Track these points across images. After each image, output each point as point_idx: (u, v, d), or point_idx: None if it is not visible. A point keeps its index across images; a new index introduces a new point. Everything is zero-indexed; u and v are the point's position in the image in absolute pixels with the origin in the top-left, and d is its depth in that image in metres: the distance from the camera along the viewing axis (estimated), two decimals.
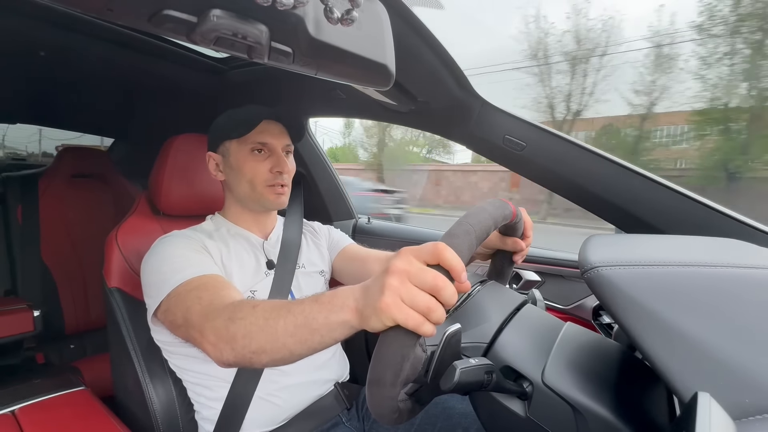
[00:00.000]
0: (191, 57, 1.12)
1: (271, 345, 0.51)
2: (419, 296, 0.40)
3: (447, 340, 0.46)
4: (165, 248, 0.74)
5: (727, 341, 0.38)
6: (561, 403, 0.48)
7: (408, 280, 0.41)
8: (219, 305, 0.59)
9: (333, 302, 0.47)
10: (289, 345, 0.50)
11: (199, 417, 0.82)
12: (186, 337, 0.65)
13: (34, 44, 0.95)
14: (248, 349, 0.53)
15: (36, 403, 0.82)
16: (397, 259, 0.43)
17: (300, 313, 0.49)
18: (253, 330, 0.52)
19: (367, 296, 0.44)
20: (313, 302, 0.49)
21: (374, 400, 0.42)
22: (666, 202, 0.76)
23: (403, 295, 0.40)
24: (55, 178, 1.57)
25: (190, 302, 0.63)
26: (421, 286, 0.41)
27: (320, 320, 0.47)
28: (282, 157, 0.84)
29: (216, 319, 0.57)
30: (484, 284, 0.67)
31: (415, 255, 0.43)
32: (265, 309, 0.53)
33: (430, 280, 0.41)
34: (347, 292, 0.47)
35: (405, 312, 0.40)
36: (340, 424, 0.86)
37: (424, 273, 0.41)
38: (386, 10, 0.48)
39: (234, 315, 0.56)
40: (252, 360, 0.54)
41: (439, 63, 0.77)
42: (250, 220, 0.89)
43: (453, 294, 0.41)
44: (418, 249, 0.43)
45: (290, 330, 0.50)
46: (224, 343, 0.55)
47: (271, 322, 0.51)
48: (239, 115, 0.84)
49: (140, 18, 0.34)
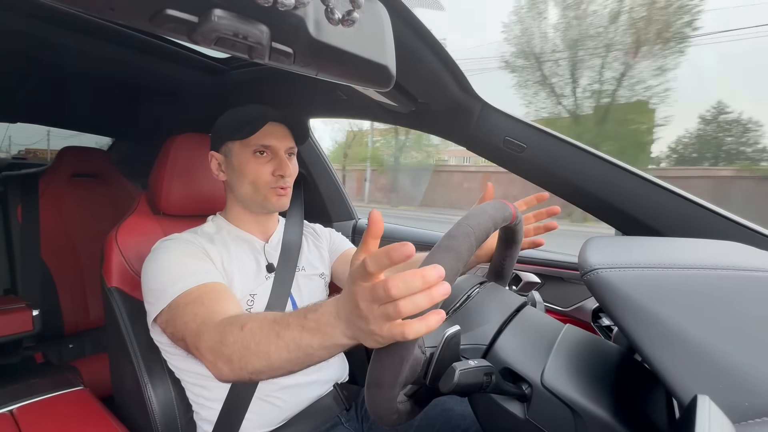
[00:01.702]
0: (192, 57, 1.12)
1: (267, 368, 0.52)
2: (402, 305, 0.37)
3: (446, 342, 0.46)
4: (165, 254, 0.74)
5: (726, 344, 0.38)
6: (560, 405, 0.48)
7: (381, 300, 0.38)
8: (211, 324, 0.60)
9: (322, 329, 0.46)
10: (286, 366, 0.51)
11: (198, 417, 0.81)
12: (187, 351, 0.66)
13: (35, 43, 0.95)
14: (245, 370, 0.53)
15: (34, 403, 0.82)
16: (357, 292, 0.40)
17: (291, 341, 0.49)
18: (247, 354, 0.53)
19: (359, 330, 0.42)
20: (300, 329, 0.48)
21: (373, 401, 0.42)
22: (666, 204, 0.76)
23: (391, 314, 0.38)
24: (56, 178, 1.57)
25: (188, 317, 0.64)
26: (397, 296, 0.37)
27: (315, 346, 0.47)
28: (285, 160, 0.83)
29: (209, 340, 0.58)
30: (484, 286, 0.67)
31: (360, 273, 0.40)
32: (254, 332, 0.53)
33: (402, 286, 0.37)
34: (332, 317, 0.45)
35: (399, 328, 0.38)
36: (339, 424, 0.86)
37: (388, 284, 0.37)
38: (387, 11, 0.49)
39: (224, 339, 0.56)
40: (252, 378, 0.54)
41: (440, 64, 0.77)
42: (251, 221, 0.89)
43: (423, 273, 0.37)
44: (357, 266, 0.40)
45: (284, 356, 0.49)
46: (222, 363, 0.55)
47: (262, 347, 0.51)
48: (243, 115, 0.83)
49: (141, 17, 0.34)
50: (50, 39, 0.92)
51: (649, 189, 0.77)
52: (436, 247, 0.46)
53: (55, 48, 0.98)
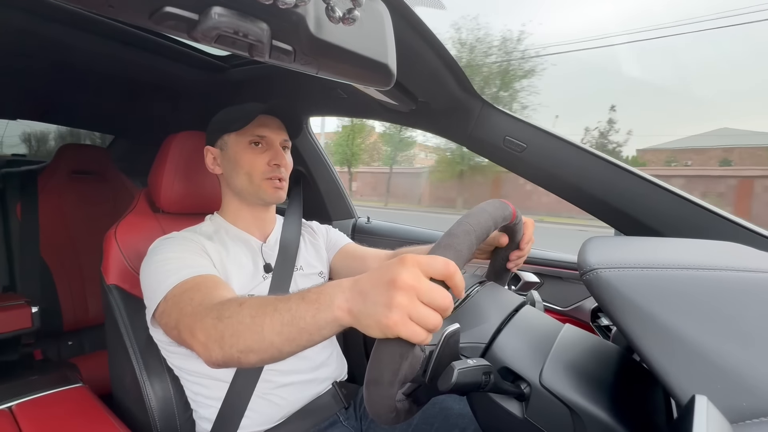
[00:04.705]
0: (192, 55, 1.12)
1: (258, 344, 0.50)
2: (429, 316, 0.39)
3: (445, 340, 0.46)
4: (162, 250, 0.74)
5: (725, 344, 0.38)
6: (558, 404, 0.48)
7: (417, 297, 0.40)
8: (209, 304, 0.59)
9: (320, 300, 0.46)
10: (277, 343, 0.49)
11: (197, 416, 0.81)
12: (179, 340, 0.63)
13: (35, 40, 0.95)
14: (236, 348, 0.52)
15: (33, 400, 0.82)
16: (403, 272, 0.40)
17: (286, 312, 0.48)
18: (240, 329, 0.51)
19: (368, 304, 0.42)
20: (299, 300, 0.48)
21: (372, 399, 0.42)
22: (665, 204, 0.76)
23: (412, 313, 0.39)
24: (55, 175, 1.57)
25: (183, 303, 0.63)
26: (429, 304, 0.40)
27: (308, 319, 0.46)
28: (280, 151, 0.84)
29: (205, 318, 0.56)
30: (483, 285, 0.67)
31: (423, 270, 0.41)
32: (252, 306, 0.52)
33: (439, 301, 0.40)
34: (335, 288, 0.46)
35: (411, 329, 0.39)
36: (338, 423, 0.86)
37: (433, 292, 0.40)
38: (388, 10, 0.48)
39: (221, 314, 0.55)
40: (240, 359, 0.52)
41: (441, 63, 0.77)
42: (248, 218, 0.89)
43: (451, 309, 0.41)
44: (426, 264, 0.41)
45: (277, 328, 0.48)
46: (213, 342, 0.54)
47: (257, 320, 0.50)
48: (238, 110, 0.84)
49: (141, 15, 0.34)
50: (50, 36, 0.92)
51: (649, 189, 0.78)
52: (436, 244, 0.46)
53: (54, 45, 0.98)
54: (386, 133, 19.66)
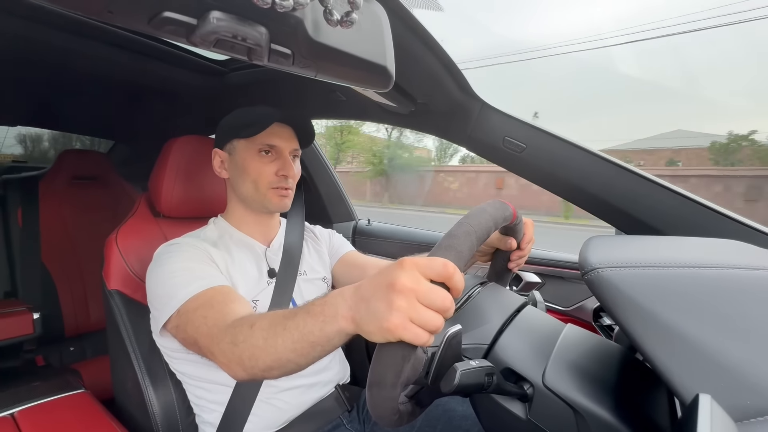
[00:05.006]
0: (191, 59, 1.12)
1: (276, 362, 0.52)
2: (430, 317, 0.39)
3: (448, 342, 0.46)
4: (170, 260, 0.73)
5: (728, 343, 0.38)
6: (562, 405, 0.48)
7: (417, 300, 0.40)
8: (222, 326, 0.60)
9: (324, 312, 0.47)
10: (293, 359, 0.50)
11: (200, 420, 0.81)
12: (200, 353, 0.66)
13: (34, 46, 0.95)
14: (257, 368, 0.54)
15: (35, 406, 0.82)
16: (402, 275, 0.40)
17: (295, 329, 0.49)
18: (256, 352, 0.53)
19: (369, 310, 0.42)
20: (305, 314, 0.49)
21: (374, 401, 0.42)
22: (666, 203, 0.76)
23: (413, 316, 0.39)
24: (56, 181, 1.58)
25: (198, 322, 0.64)
26: (429, 306, 0.40)
27: (316, 333, 0.47)
28: (288, 161, 0.83)
29: (221, 343, 0.58)
30: (485, 286, 0.67)
31: (421, 272, 0.41)
32: (263, 328, 0.53)
33: (439, 302, 0.40)
34: (337, 298, 0.46)
35: (413, 331, 0.39)
36: (341, 426, 0.86)
37: (433, 294, 0.40)
38: (386, 12, 0.49)
39: (235, 338, 0.56)
40: (264, 376, 0.55)
41: (439, 65, 0.77)
42: (252, 223, 0.89)
43: (452, 311, 0.41)
44: (425, 266, 0.41)
45: (290, 346, 0.49)
46: (234, 365, 0.56)
47: (270, 342, 0.51)
48: (250, 114, 0.83)
49: (140, 20, 0.35)
50: (50, 42, 0.92)
51: (649, 188, 0.77)
52: (437, 246, 0.46)
53: (54, 51, 0.98)
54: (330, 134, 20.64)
